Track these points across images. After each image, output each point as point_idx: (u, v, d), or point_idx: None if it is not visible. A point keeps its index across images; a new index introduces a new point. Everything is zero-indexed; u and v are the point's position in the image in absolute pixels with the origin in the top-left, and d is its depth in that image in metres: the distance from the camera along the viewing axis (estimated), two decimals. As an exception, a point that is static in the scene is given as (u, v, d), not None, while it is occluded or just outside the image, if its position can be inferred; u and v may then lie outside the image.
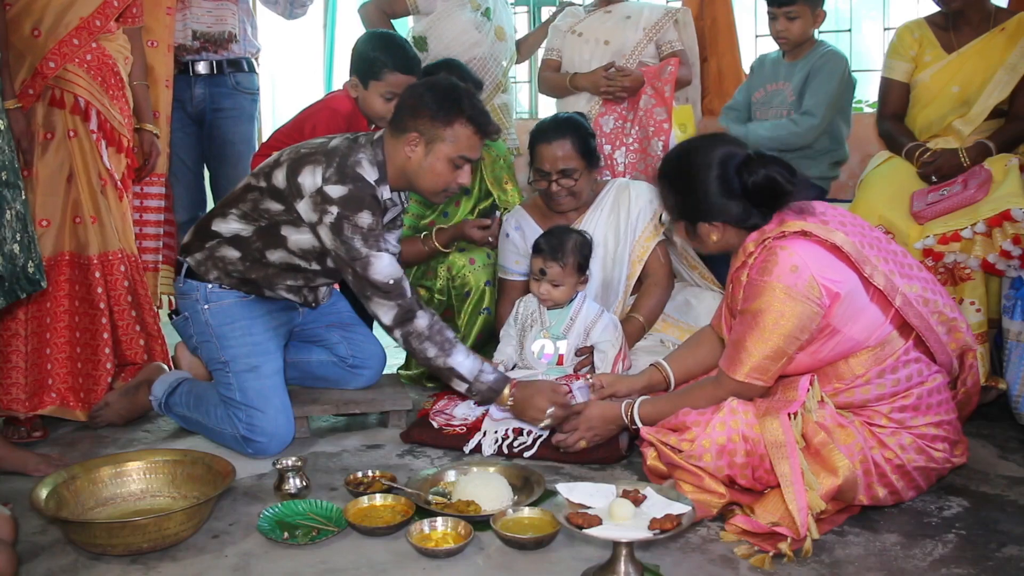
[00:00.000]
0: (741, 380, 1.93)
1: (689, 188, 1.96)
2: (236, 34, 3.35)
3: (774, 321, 1.86)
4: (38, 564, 1.78)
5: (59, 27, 2.48)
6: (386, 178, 2.31)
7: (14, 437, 2.46)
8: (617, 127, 3.29)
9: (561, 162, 2.75)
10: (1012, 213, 2.41)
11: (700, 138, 2.11)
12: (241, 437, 2.34)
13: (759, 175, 1.89)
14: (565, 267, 2.58)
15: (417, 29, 3.54)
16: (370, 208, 2.24)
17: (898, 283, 1.89)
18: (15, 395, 2.48)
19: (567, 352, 2.60)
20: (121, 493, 2.00)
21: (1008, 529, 1.89)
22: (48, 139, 2.52)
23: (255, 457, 2.33)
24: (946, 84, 2.82)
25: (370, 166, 2.29)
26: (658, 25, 3.36)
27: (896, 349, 1.92)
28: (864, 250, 1.89)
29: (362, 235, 2.22)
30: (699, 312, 2.85)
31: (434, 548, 1.77)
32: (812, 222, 1.89)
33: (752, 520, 1.81)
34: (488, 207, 3.17)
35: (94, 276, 2.60)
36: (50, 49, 2.47)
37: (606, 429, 2.23)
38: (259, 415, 2.34)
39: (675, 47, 3.38)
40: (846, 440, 1.86)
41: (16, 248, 2.13)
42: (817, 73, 3.07)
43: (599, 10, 3.45)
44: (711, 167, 1.93)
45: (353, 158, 2.27)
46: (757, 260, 1.91)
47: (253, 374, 2.37)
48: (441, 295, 2.96)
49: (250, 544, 1.85)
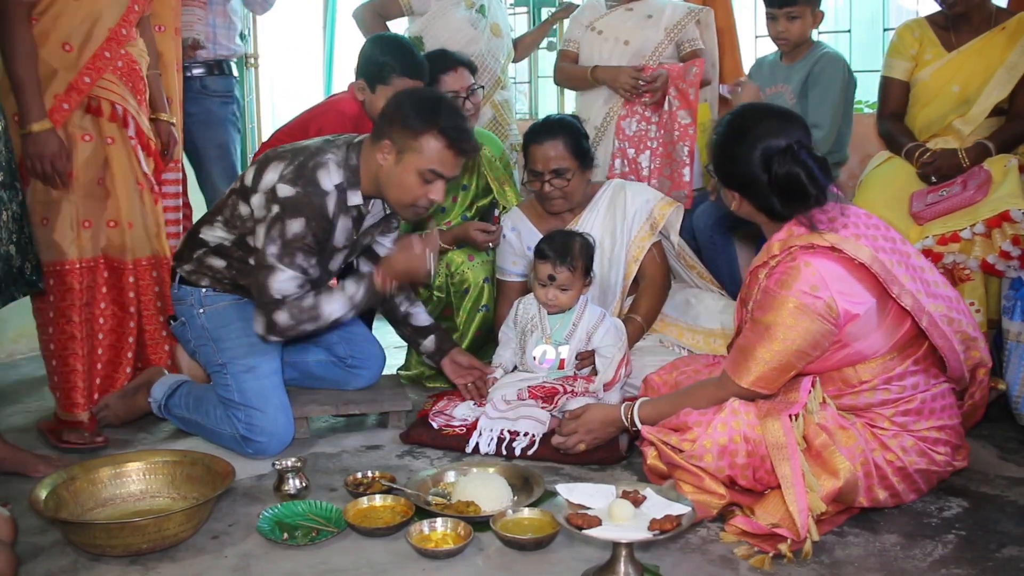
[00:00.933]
0: (744, 386, 1.92)
1: (728, 147, 1.96)
2: (202, 40, 3.33)
3: (784, 335, 1.84)
4: (37, 565, 1.77)
5: (90, 41, 2.44)
6: (358, 183, 2.28)
7: (78, 442, 2.43)
8: (640, 130, 3.22)
9: (553, 162, 2.75)
10: (1011, 214, 2.41)
11: (772, 107, 2.04)
12: (241, 437, 2.34)
13: (784, 168, 1.86)
14: (575, 271, 2.54)
15: (412, 30, 3.54)
16: (307, 217, 2.20)
17: (925, 304, 1.86)
18: (76, 399, 2.47)
19: (568, 357, 2.59)
20: (121, 494, 1.99)
21: (1008, 530, 1.89)
22: (87, 140, 2.49)
23: (255, 457, 2.33)
24: (946, 83, 2.82)
25: (337, 169, 2.25)
26: (679, 25, 3.30)
27: (905, 360, 1.91)
28: (893, 269, 1.85)
29: (282, 242, 2.19)
30: (698, 311, 2.85)
31: (434, 549, 1.77)
32: (843, 235, 1.85)
33: (752, 521, 1.80)
34: (487, 205, 3.17)
35: (127, 281, 2.60)
36: (85, 63, 2.43)
37: (605, 432, 2.23)
38: (258, 415, 2.33)
39: (696, 46, 3.32)
40: (847, 442, 1.85)
41: (12, 249, 2.12)
42: (818, 80, 3.04)
43: (620, 7, 3.36)
44: (756, 141, 1.90)
45: (318, 159, 2.24)
46: (779, 267, 1.89)
47: (251, 374, 2.37)
48: (440, 292, 2.96)
49: (249, 545, 1.84)
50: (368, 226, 2.43)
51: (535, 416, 2.40)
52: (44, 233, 2.43)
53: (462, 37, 3.44)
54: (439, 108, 2.21)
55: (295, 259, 2.22)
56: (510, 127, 3.71)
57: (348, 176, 2.27)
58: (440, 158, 2.21)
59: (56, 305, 2.46)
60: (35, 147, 2.31)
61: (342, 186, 2.26)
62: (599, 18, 3.39)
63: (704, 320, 2.82)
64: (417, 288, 2.96)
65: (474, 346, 2.98)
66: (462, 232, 2.94)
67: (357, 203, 2.30)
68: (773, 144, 1.89)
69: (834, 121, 3.04)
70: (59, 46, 2.40)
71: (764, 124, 1.93)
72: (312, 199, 2.21)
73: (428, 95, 2.28)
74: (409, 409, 2.62)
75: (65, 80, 2.41)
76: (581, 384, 2.50)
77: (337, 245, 2.38)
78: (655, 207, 2.83)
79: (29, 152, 2.31)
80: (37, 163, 2.32)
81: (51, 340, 2.48)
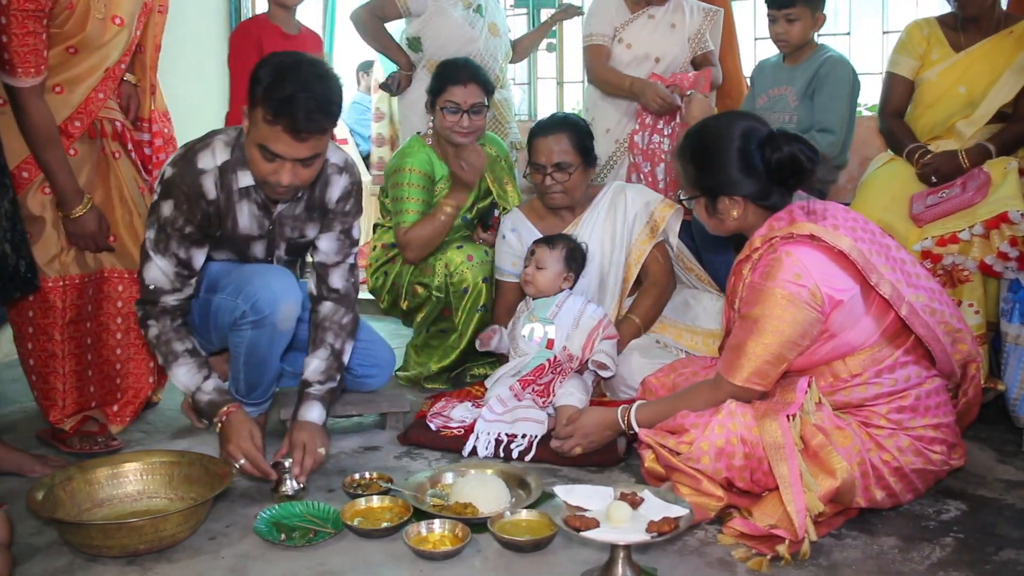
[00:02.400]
0: (739, 384, 1.92)
1: (710, 160, 1.97)
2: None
3: (774, 327, 1.85)
4: (34, 565, 1.77)
5: (84, 84, 2.36)
6: (247, 162, 2.08)
7: (93, 448, 2.41)
8: (654, 144, 3.23)
9: (556, 155, 2.76)
10: (1009, 215, 2.41)
11: (721, 114, 2.13)
12: (250, 323, 2.17)
13: (783, 152, 1.91)
14: (553, 251, 2.65)
15: (410, 30, 3.54)
16: (176, 199, 2.07)
17: (904, 292, 1.88)
18: (55, 414, 2.42)
19: (557, 338, 2.61)
20: (118, 494, 1.99)
21: (1006, 533, 1.89)
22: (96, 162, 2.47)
23: (274, 326, 2.17)
24: (953, 84, 2.82)
25: (223, 148, 2.11)
26: (699, 33, 3.36)
27: (894, 351, 1.92)
28: (872, 258, 1.88)
29: (157, 227, 2.09)
30: (696, 312, 2.85)
31: (431, 550, 1.76)
32: (822, 225, 1.89)
33: (750, 523, 1.80)
34: (487, 206, 3.17)
35: (116, 289, 2.54)
36: (77, 107, 2.35)
37: (602, 435, 2.23)
38: (251, 287, 2.16)
39: (707, 48, 3.38)
40: (844, 442, 1.86)
41: (8, 248, 2.11)
42: (824, 84, 3.03)
43: (643, 13, 3.34)
44: (733, 139, 1.95)
45: (207, 140, 2.13)
46: (761, 260, 1.91)
47: (237, 270, 2.24)
48: (439, 292, 2.95)
49: (247, 546, 1.84)
50: (291, 215, 2.25)
51: (532, 417, 2.40)
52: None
53: (460, 37, 3.44)
54: (275, 75, 1.92)
55: (169, 246, 2.10)
56: (509, 125, 3.71)
57: (238, 156, 2.10)
58: (266, 133, 1.93)
59: (36, 322, 2.38)
60: (80, 228, 2.35)
61: (227, 165, 2.10)
62: (623, 25, 3.35)
63: (703, 321, 2.82)
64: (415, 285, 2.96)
65: (473, 348, 2.98)
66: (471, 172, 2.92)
67: (248, 184, 2.12)
68: (757, 135, 1.94)
69: (844, 125, 3.04)
70: (51, 89, 2.30)
71: (737, 125, 1.98)
72: (184, 179, 2.07)
73: (279, 59, 1.98)
74: (407, 410, 2.62)
75: (59, 120, 2.32)
76: (564, 356, 2.53)
77: (246, 232, 2.22)
78: (655, 209, 2.84)
79: (71, 231, 2.35)
80: (80, 242, 2.37)
81: (30, 355, 2.41)
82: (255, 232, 2.24)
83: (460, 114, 2.88)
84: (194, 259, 2.16)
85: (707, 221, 2.06)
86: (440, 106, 2.90)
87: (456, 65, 2.95)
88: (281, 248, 2.33)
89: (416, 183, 2.95)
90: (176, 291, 2.15)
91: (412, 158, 2.97)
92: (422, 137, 3.05)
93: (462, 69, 2.92)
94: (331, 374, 2.23)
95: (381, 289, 3.11)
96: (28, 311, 2.38)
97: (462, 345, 2.95)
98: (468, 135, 2.92)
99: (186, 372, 2.12)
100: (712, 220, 2.04)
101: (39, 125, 2.25)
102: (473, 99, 2.89)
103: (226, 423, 2.06)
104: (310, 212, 2.27)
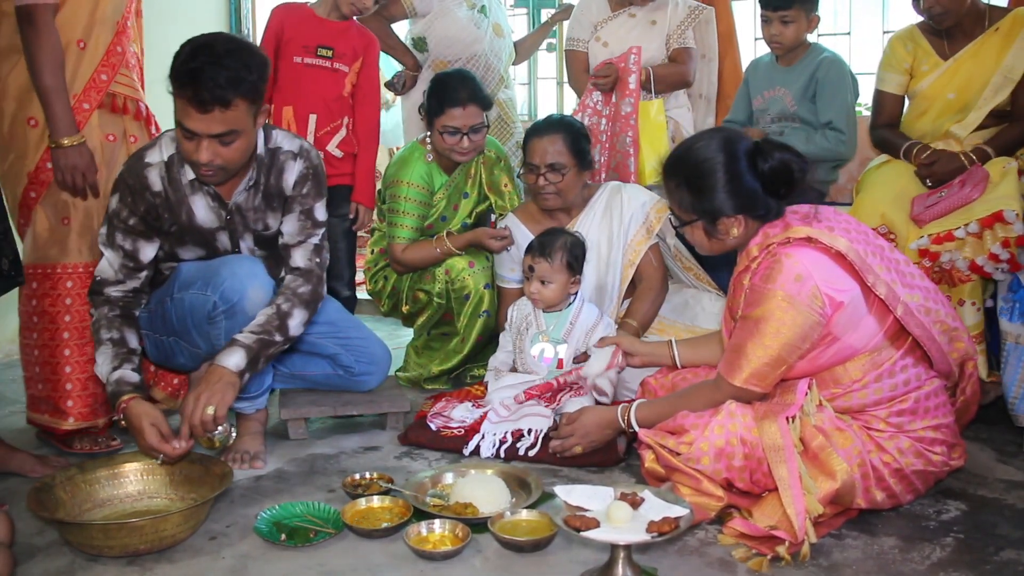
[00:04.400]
0: (739, 385, 1.92)
1: (705, 182, 1.95)
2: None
3: (775, 329, 1.85)
4: (34, 565, 1.77)
5: (102, 36, 2.36)
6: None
7: (93, 448, 2.40)
8: (592, 124, 3.21)
9: (550, 156, 2.75)
10: (1004, 214, 2.40)
11: (703, 133, 2.10)
12: (222, 314, 2.15)
13: (774, 160, 1.91)
14: (553, 263, 2.57)
15: (415, 30, 3.54)
16: (121, 192, 2.16)
17: (900, 292, 1.88)
18: (63, 408, 2.39)
19: (567, 357, 2.59)
20: (118, 494, 1.99)
21: (1006, 533, 1.89)
22: (111, 141, 2.43)
23: (244, 312, 2.14)
24: (942, 91, 2.80)
25: (170, 143, 2.15)
26: (680, 28, 3.32)
27: (893, 354, 1.91)
28: (867, 259, 1.88)
29: (108, 223, 2.17)
30: (696, 312, 2.85)
31: (431, 550, 1.76)
32: (817, 228, 1.89)
33: (750, 523, 1.81)
34: (484, 211, 3.17)
35: None
36: (100, 60, 2.35)
37: (601, 435, 2.23)
38: (218, 278, 2.15)
39: (684, 43, 3.33)
40: (844, 444, 1.86)
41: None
42: (825, 84, 3.02)
43: (623, 12, 3.34)
44: (724, 157, 1.93)
45: (159, 137, 2.19)
46: (761, 266, 1.91)
47: (206, 266, 2.22)
48: (440, 298, 2.95)
49: (247, 546, 1.84)
50: (250, 207, 2.25)
51: (539, 413, 2.40)
52: (62, 233, 2.35)
53: (465, 37, 3.44)
54: (187, 50, 1.98)
55: (115, 239, 2.17)
56: (515, 124, 3.71)
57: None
58: (179, 108, 1.99)
59: (41, 309, 2.36)
60: (66, 160, 2.24)
61: (173, 159, 2.15)
62: (602, 23, 3.36)
63: (702, 321, 2.81)
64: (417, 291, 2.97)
65: (475, 352, 2.98)
66: (474, 238, 2.92)
67: (193, 178, 2.15)
68: (746, 148, 1.94)
69: (852, 123, 3.04)
70: (74, 44, 2.31)
71: (723, 142, 1.95)
72: (130, 173, 2.14)
73: (201, 37, 2.02)
74: (407, 410, 2.62)
75: (84, 78, 2.33)
76: (575, 376, 2.50)
77: (206, 224, 2.24)
78: (651, 210, 2.83)
79: (60, 164, 2.25)
80: (68, 176, 2.26)
81: (35, 346, 2.38)
82: (214, 224, 2.26)
83: (460, 136, 2.87)
84: (140, 251, 2.21)
85: (705, 244, 2.02)
86: (439, 129, 2.88)
87: (454, 84, 2.89)
88: (248, 239, 2.33)
89: (413, 198, 2.94)
90: (119, 283, 2.19)
91: (411, 171, 2.96)
92: (421, 143, 3.02)
93: (460, 89, 2.86)
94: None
95: (381, 293, 3.12)
96: (32, 300, 2.35)
97: (464, 350, 2.95)
98: (468, 154, 2.92)
99: (102, 360, 2.10)
100: (712, 242, 2.01)
101: (49, 45, 2.20)
102: (472, 121, 2.86)
103: (125, 418, 2.01)
104: (269, 201, 2.28)
